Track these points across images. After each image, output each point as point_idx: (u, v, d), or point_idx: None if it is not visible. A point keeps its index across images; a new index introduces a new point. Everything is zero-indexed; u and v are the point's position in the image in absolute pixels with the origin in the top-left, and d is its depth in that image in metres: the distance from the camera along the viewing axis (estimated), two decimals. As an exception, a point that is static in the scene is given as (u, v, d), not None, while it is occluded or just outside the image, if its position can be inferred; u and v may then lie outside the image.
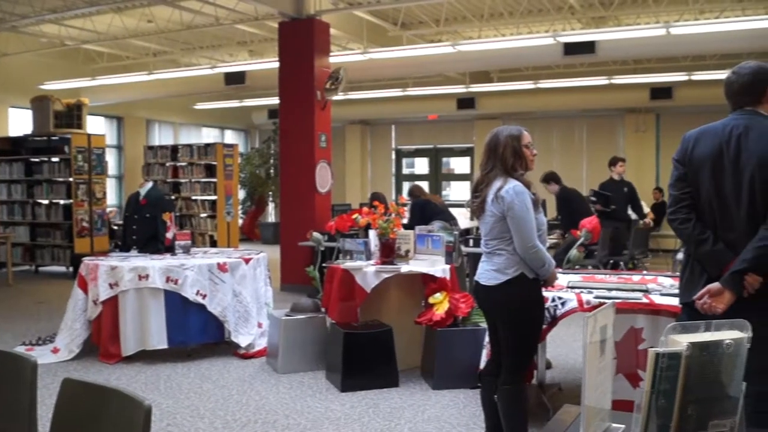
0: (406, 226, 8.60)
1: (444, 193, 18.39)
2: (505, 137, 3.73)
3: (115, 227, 12.50)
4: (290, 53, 9.94)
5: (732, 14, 11.19)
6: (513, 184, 3.60)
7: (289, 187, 10.05)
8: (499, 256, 3.67)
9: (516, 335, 3.69)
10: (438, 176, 18.90)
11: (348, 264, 5.86)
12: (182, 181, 14.33)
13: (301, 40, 9.84)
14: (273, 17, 10.66)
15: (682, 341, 1.53)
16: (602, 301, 4.13)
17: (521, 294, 3.64)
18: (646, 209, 11.57)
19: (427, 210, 8.80)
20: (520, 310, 3.66)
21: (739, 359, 1.60)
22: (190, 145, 14.46)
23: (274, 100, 10.50)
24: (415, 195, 9.24)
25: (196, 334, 6.30)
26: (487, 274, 3.72)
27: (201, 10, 10.77)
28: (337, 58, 10.95)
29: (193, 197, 14.23)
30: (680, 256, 3.85)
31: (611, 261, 9.45)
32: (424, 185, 13.28)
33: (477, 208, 3.76)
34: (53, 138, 12.07)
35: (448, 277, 5.74)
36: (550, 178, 9.30)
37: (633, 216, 10.44)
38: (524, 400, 3.78)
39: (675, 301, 3.98)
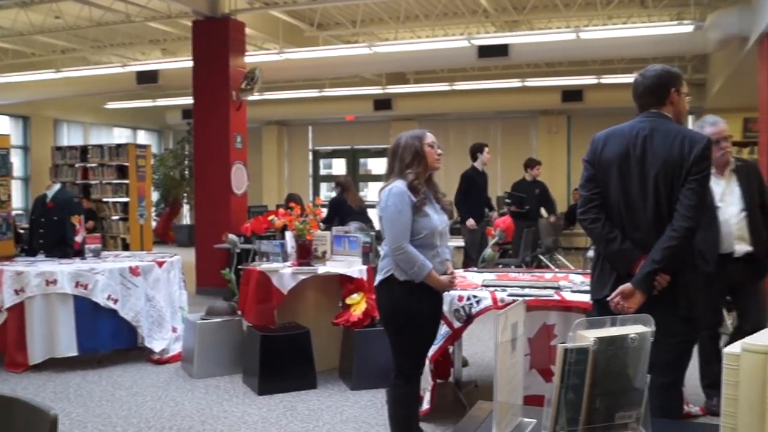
0: (322, 221, 8.62)
1: (362, 193, 18.42)
2: (406, 139, 3.72)
3: (21, 231, 12.02)
4: (204, 52, 9.78)
5: (639, 20, 11.60)
6: (392, 185, 3.61)
7: (203, 189, 9.89)
8: (381, 257, 3.74)
9: (393, 338, 3.71)
10: (355, 177, 18.90)
11: (264, 266, 5.81)
12: (93, 182, 13.90)
13: (215, 39, 9.69)
14: (187, 15, 10.46)
15: (589, 336, 1.57)
16: (516, 298, 4.21)
17: (390, 295, 3.64)
18: (545, 214, 11.86)
19: (342, 210, 8.83)
20: (388, 311, 3.68)
21: (643, 353, 1.66)
22: (100, 146, 14.01)
23: (188, 100, 10.31)
24: (344, 187, 9.22)
25: (108, 340, 6.11)
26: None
27: (111, 6, 10.49)
28: (252, 57, 10.84)
29: (105, 199, 13.83)
30: (591, 254, 3.97)
31: (530, 258, 9.68)
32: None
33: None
34: (-46, 138, 11.52)
35: (365, 277, 5.75)
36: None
37: (544, 214, 10.74)
38: (408, 402, 3.76)
39: (586, 298, 4.09)
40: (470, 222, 8.52)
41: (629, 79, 3.43)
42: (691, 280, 3.10)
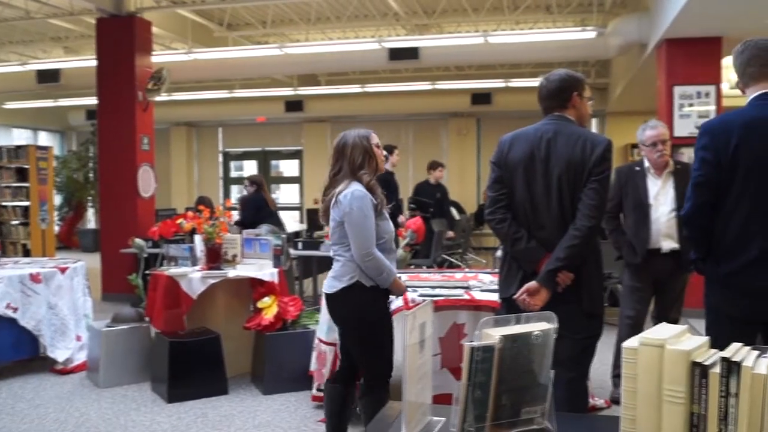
0: (239, 222, 8.52)
1: (273, 196, 18.26)
2: (354, 137, 3.61)
3: None
4: (109, 51, 9.49)
5: (544, 26, 11.91)
6: (353, 189, 3.48)
7: (109, 192, 9.60)
8: (337, 263, 3.59)
9: (359, 347, 3.61)
10: (267, 179, 18.71)
11: (172, 270, 5.68)
12: (-10, 186, 13.32)
13: (120, 37, 9.43)
14: (90, 13, 10.12)
15: (494, 335, 1.60)
16: (426, 299, 4.25)
17: (357, 303, 3.52)
18: (457, 216, 12.05)
19: (262, 211, 8.77)
20: (357, 320, 3.55)
21: (547, 349, 1.70)
22: (-2, 148, 13.45)
23: (92, 100, 9.98)
24: (258, 184, 9.14)
25: (7, 350, 5.84)
26: (328, 281, 3.63)
27: (10, 2, 10.06)
28: (159, 57, 10.59)
29: (3, 203, 13.25)
30: (499, 253, 4.04)
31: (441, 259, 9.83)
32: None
33: (323, 212, 3.65)
34: None
35: (276, 280, 5.71)
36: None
37: (456, 216, 10.91)
38: (381, 407, 3.74)
39: (494, 297, 4.16)
40: None
41: (536, 82, 3.51)
42: (594, 278, 3.20)
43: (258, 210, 8.82)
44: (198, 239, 5.91)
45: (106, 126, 9.59)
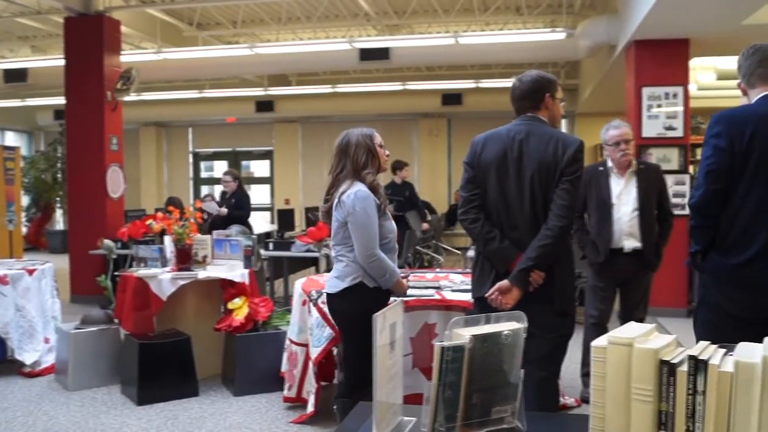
0: (232, 216, 8.52)
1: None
2: (357, 136, 3.59)
3: None
4: (77, 51, 9.38)
5: (514, 27, 11.97)
6: (356, 189, 3.47)
7: (77, 193, 9.48)
8: (340, 263, 3.57)
9: (354, 347, 3.55)
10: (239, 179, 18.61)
11: (142, 272, 5.64)
12: (-45, 187, 13.09)
13: (89, 37, 9.31)
14: (58, 12, 9.99)
15: (465, 334, 1.60)
16: (396, 298, 4.25)
17: (359, 304, 3.47)
18: (428, 216, 12.09)
19: (248, 206, 8.88)
20: (357, 320, 3.41)
21: (517, 348, 1.71)
22: (-36, 148, 13.23)
23: (61, 100, 9.85)
24: (239, 178, 9.25)
25: (-27, 353, 5.79)
26: (330, 281, 3.62)
27: (-26, 1, 9.93)
28: (129, 57, 10.48)
29: (-31, 204, 13.05)
30: (471, 253, 4.07)
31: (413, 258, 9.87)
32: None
33: (325, 212, 3.64)
34: None
35: (247, 281, 5.69)
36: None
37: (428, 216, 10.96)
38: None
39: (465, 297, 4.19)
40: None
41: (506, 83, 3.55)
42: (566, 277, 3.23)
43: (248, 205, 8.97)
44: (168, 240, 5.87)
45: (74, 126, 9.48)
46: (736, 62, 3.07)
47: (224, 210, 8.73)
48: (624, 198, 4.76)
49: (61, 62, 9.63)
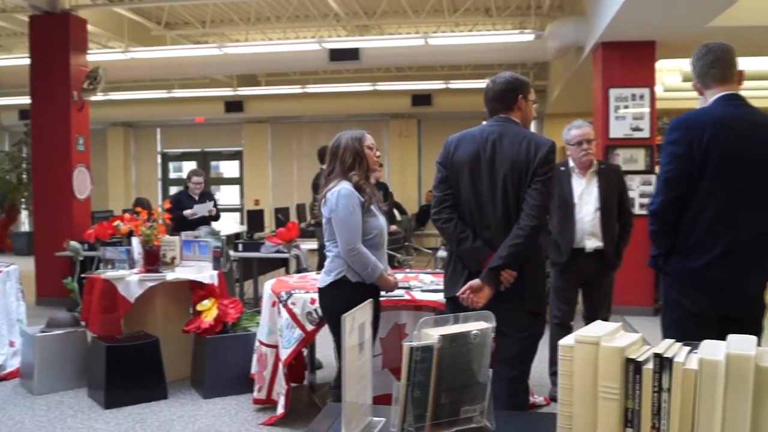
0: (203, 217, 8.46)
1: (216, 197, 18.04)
2: (346, 140, 3.75)
3: None
4: (43, 50, 9.26)
5: (483, 28, 12.04)
6: (340, 186, 3.62)
7: (43, 194, 9.36)
8: (328, 258, 3.72)
9: (340, 342, 3.65)
10: (207, 180, 18.48)
11: (109, 274, 5.57)
12: None
13: (54, 36, 9.19)
14: (23, 10, 9.85)
15: (434, 334, 1.61)
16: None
17: (343, 298, 3.51)
18: (399, 216, 12.15)
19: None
20: (341, 314, 3.55)
21: (485, 348, 1.71)
22: (-74, 149, 13.02)
23: (26, 100, 9.71)
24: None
25: (-65, 357, 5.68)
26: (320, 276, 3.77)
27: (-64, -1, 9.76)
28: (96, 56, 10.38)
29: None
30: (442, 253, 4.09)
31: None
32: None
33: (318, 212, 3.78)
34: None
35: (216, 283, 5.65)
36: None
37: (398, 216, 10.97)
38: None
39: (435, 297, 4.21)
40: None
41: (475, 84, 3.58)
42: (537, 277, 3.26)
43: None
44: (135, 241, 5.81)
45: (39, 126, 9.35)
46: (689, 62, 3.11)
47: (214, 210, 8.63)
48: (585, 198, 4.81)
49: (27, 61, 9.49)
